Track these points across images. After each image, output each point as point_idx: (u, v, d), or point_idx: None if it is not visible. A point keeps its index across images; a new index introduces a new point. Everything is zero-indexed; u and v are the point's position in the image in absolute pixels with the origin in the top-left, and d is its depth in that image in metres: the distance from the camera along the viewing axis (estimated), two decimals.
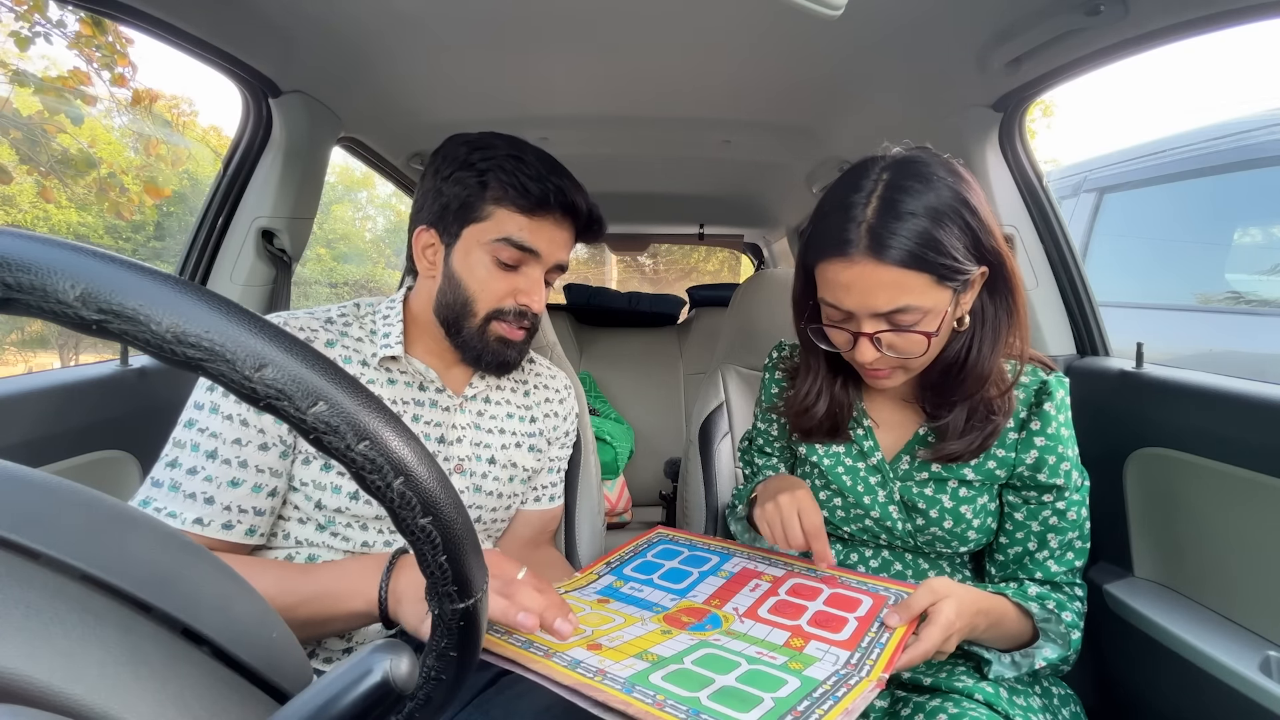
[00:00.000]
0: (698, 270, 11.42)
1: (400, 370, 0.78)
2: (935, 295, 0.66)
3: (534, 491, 0.92)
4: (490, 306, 0.76)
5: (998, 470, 0.76)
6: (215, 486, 0.66)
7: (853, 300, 0.67)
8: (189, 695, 0.25)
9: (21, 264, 0.20)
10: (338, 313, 0.79)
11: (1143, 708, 0.88)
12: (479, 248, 0.74)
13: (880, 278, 0.65)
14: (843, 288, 0.67)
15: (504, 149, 0.74)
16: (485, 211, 0.73)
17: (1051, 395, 0.75)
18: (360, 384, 0.25)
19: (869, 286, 0.65)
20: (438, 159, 0.77)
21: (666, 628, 0.63)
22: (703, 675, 0.53)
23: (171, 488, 0.65)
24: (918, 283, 0.65)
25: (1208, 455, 0.79)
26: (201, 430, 0.66)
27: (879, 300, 0.66)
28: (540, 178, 0.73)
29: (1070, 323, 1.09)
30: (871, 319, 0.67)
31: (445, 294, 0.76)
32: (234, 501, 0.67)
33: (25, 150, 3.33)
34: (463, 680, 0.31)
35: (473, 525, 0.28)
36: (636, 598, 0.72)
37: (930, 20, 0.88)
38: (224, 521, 0.66)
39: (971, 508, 0.77)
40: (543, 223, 0.75)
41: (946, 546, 0.80)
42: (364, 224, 10.58)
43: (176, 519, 0.64)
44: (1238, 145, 2.20)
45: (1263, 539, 0.74)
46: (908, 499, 0.79)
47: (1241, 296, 2.26)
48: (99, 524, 0.27)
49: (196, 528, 0.65)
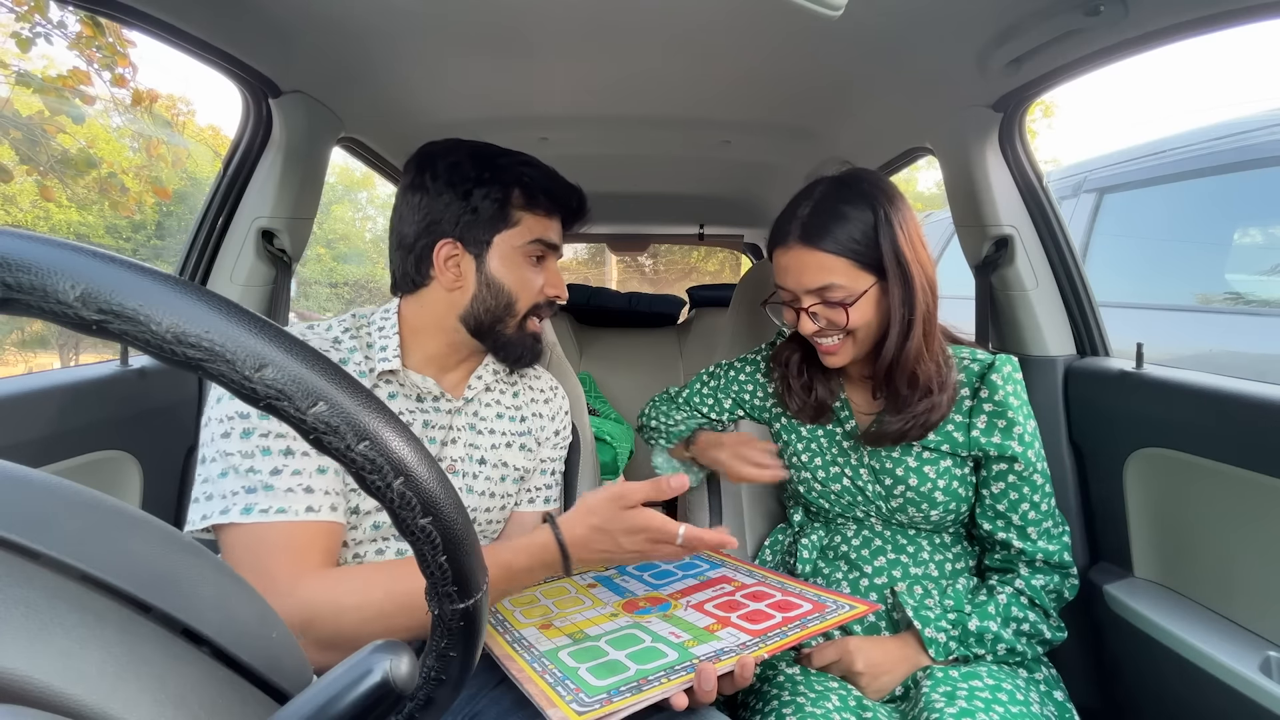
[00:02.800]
0: (698, 270, 11.43)
1: (400, 383, 0.79)
2: (854, 276, 0.81)
3: (528, 493, 0.92)
4: (530, 302, 0.82)
5: (955, 434, 0.85)
6: (308, 476, 0.68)
7: (791, 279, 0.84)
8: (189, 695, 0.25)
9: (21, 264, 0.20)
10: (341, 330, 0.80)
11: (1143, 708, 0.88)
12: (512, 250, 0.80)
13: (807, 260, 0.82)
14: (783, 270, 0.85)
15: (511, 157, 0.81)
16: (514, 218, 0.79)
17: (998, 369, 0.85)
18: (361, 384, 0.25)
19: (801, 267, 0.82)
20: (441, 176, 0.78)
21: (617, 611, 0.74)
22: (601, 650, 0.64)
23: (266, 489, 0.65)
24: (839, 265, 0.81)
25: (1208, 455, 0.79)
26: (264, 435, 0.67)
27: (808, 278, 0.82)
28: (553, 177, 0.82)
29: (1070, 323, 1.09)
30: (806, 295, 0.83)
31: (484, 300, 0.80)
32: (329, 486, 0.69)
33: (25, 150, 3.33)
34: (463, 681, 0.31)
35: (472, 525, 0.28)
36: (618, 585, 0.82)
37: (930, 20, 0.88)
38: (330, 504, 0.68)
39: (935, 469, 0.86)
40: (556, 220, 0.84)
41: (918, 510, 0.86)
42: (364, 224, 10.59)
43: (288, 513, 0.65)
44: (1238, 145, 2.20)
45: (1262, 539, 0.74)
46: (876, 461, 0.89)
47: (1241, 297, 2.26)
48: (99, 524, 0.27)
49: (310, 515, 0.66)
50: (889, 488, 0.88)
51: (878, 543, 0.88)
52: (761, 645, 0.63)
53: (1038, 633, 0.80)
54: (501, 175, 0.78)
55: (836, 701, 0.74)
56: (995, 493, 0.84)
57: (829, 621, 0.68)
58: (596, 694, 0.55)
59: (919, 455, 0.86)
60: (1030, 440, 0.83)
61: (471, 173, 0.78)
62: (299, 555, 0.65)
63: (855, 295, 0.81)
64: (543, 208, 0.80)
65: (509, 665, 0.62)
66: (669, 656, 0.62)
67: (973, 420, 0.85)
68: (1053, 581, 0.83)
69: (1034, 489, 0.83)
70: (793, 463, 0.96)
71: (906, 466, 0.87)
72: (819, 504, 0.93)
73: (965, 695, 0.70)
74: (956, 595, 0.84)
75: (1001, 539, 0.84)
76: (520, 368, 0.87)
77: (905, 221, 0.81)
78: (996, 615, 0.80)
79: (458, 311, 0.80)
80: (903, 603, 0.82)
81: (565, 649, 0.64)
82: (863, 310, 0.81)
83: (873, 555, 0.88)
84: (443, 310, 0.80)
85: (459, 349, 0.82)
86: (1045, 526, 0.83)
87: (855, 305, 0.81)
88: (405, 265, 0.80)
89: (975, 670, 0.76)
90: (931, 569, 0.86)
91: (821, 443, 0.94)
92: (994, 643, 0.79)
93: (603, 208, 2.36)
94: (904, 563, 0.86)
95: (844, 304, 0.81)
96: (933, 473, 0.85)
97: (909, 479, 0.86)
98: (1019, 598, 0.82)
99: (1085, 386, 0.97)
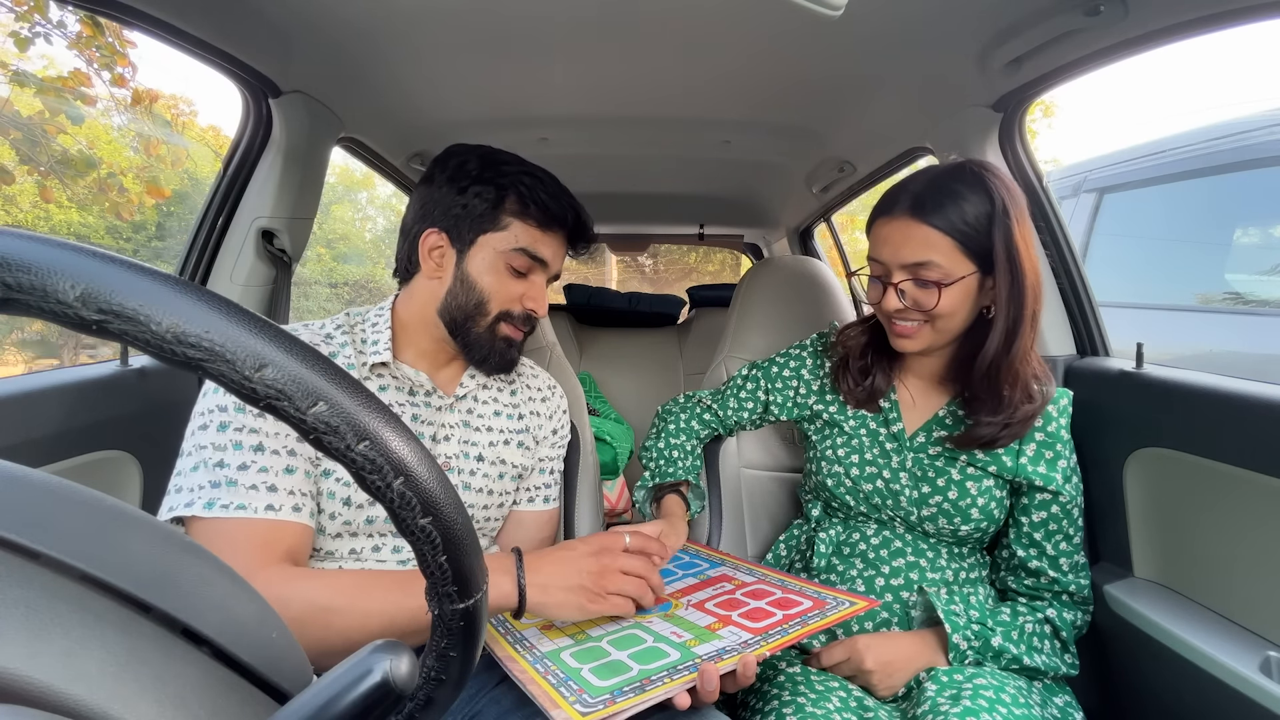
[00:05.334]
0: (698, 270, 11.41)
1: (391, 376, 0.80)
2: (956, 260, 0.78)
3: (526, 492, 0.92)
4: (501, 308, 0.81)
5: (1004, 457, 0.84)
6: (274, 475, 0.68)
7: (888, 251, 0.81)
8: (189, 695, 0.25)
9: (21, 264, 0.20)
10: (334, 326, 0.81)
11: (1143, 708, 0.88)
12: (494, 254, 0.79)
13: (912, 233, 0.79)
14: (882, 240, 0.82)
15: (518, 166, 0.81)
16: (503, 222, 0.79)
17: (1055, 401, 0.85)
18: (360, 384, 0.25)
19: (903, 239, 0.79)
20: (448, 170, 0.80)
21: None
22: (603, 650, 0.64)
23: (230, 484, 0.65)
24: (943, 243, 0.77)
25: (1208, 455, 0.79)
26: (239, 429, 0.68)
27: (906, 251, 0.79)
28: (557, 197, 0.81)
29: (1070, 323, 1.09)
30: (900, 270, 0.80)
31: (456, 295, 0.80)
32: (295, 486, 0.69)
33: (25, 150, 3.33)
34: (463, 681, 0.31)
35: (472, 525, 0.28)
36: None
37: (930, 20, 0.88)
38: (293, 505, 0.68)
39: (977, 485, 0.84)
40: (553, 237, 0.82)
41: (949, 522, 0.85)
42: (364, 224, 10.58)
43: (247, 510, 0.65)
44: (1238, 145, 2.20)
45: (1262, 539, 0.74)
46: (919, 468, 0.87)
47: (1241, 296, 2.26)
48: (99, 524, 0.27)
49: (270, 514, 0.66)
50: (925, 495, 0.86)
51: (897, 544, 0.88)
52: (763, 643, 0.63)
53: (1053, 666, 0.81)
54: (499, 178, 0.79)
55: (837, 701, 0.74)
56: (1035, 521, 0.84)
57: (829, 618, 0.68)
58: (600, 694, 0.55)
59: (964, 470, 0.85)
60: (1070, 474, 0.84)
61: (473, 171, 0.79)
62: (257, 551, 0.65)
63: (952, 278, 0.78)
64: (534, 218, 0.80)
65: (511, 667, 0.63)
66: (671, 656, 0.62)
67: (1023, 447, 0.84)
68: (1078, 618, 0.85)
69: (1071, 522, 0.84)
70: (826, 457, 0.94)
71: (949, 479, 0.85)
72: (844, 500, 0.92)
73: (969, 695, 0.70)
74: (980, 606, 0.84)
75: (1034, 567, 0.85)
76: (488, 372, 0.86)
77: (1022, 218, 0.79)
78: (1020, 641, 0.80)
79: (436, 305, 0.81)
80: (933, 602, 0.81)
81: (567, 649, 0.65)
82: (954, 297, 0.79)
83: (891, 556, 0.87)
84: (425, 301, 0.81)
85: (445, 346, 0.83)
86: (1076, 559, 0.85)
87: (949, 288, 0.78)
88: (400, 251, 0.84)
89: (979, 670, 0.76)
90: (948, 575, 0.86)
91: (864, 440, 0.92)
92: (1010, 662, 0.80)
93: (603, 208, 2.36)
94: (921, 566, 0.86)
95: (939, 284, 0.78)
96: (974, 489, 0.84)
97: (949, 491, 0.85)
98: (1044, 626, 0.83)
99: (1085, 386, 0.97)
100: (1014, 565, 0.87)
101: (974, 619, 0.81)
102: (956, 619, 0.80)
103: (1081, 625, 0.86)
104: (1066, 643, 0.83)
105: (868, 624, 0.85)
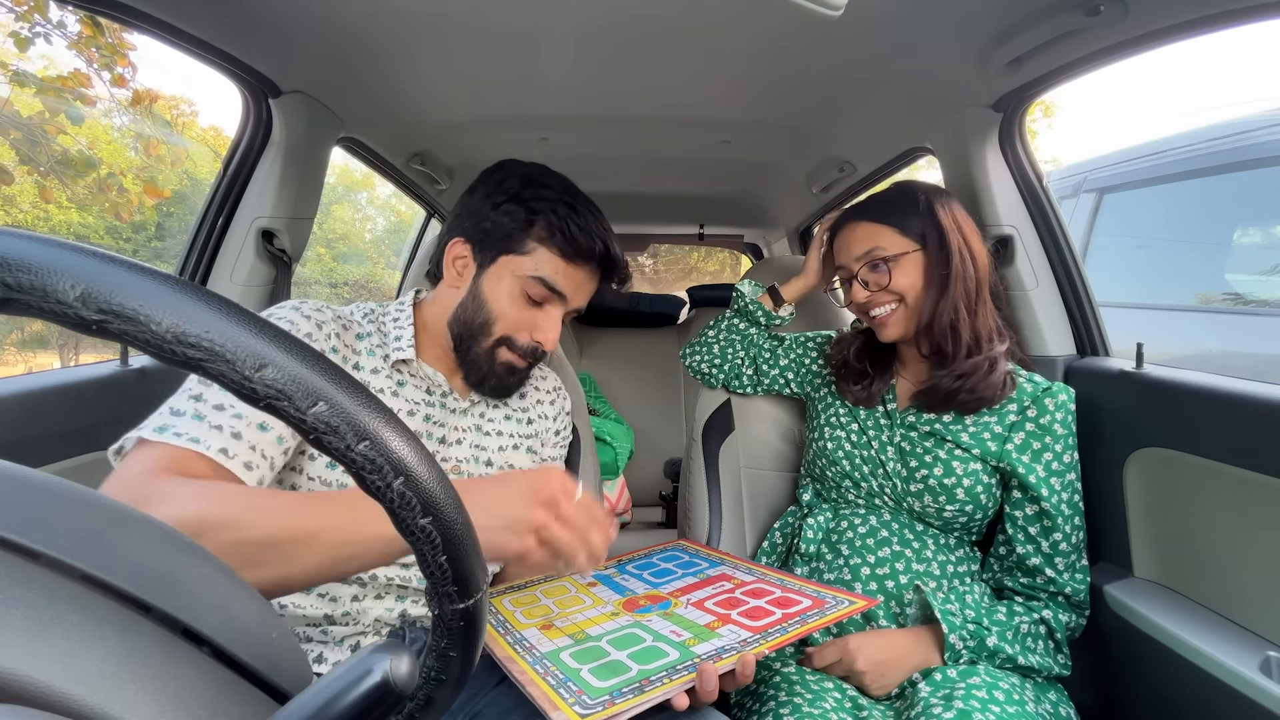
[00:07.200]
0: (698, 270, 11.41)
1: (410, 374, 0.80)
2: (896, 240, 0.91)
3: None
4: (505, 332, 0.79)
5: (990, 442, 0.87)
6: (244, 424, 0.61)
7: (843, 254, 0.96)
8: (189, 695, 0.24)
9: (21, 264, 0.20)
10: (361, 315, 0.81)
11: (1143, 708, 0.88)
12: (511, 277, 0.78)
13: (856, 231, 0.95)
14: (839, 248, 0.98)
15: (558, 191, 0.79)
16: (527, 247, 0.77)
17: (1054, 395, 0.87)
18: (360, 384, 0.25)
19: (850, 239, 0.95)
20: (490, 183, 0.80)
21: (618, 610, 0.74)
22: (603, 650, 0.64)
23: (196, 417, 0.60)
24: (882, 231, 0.92)
25: (1208, 455, 0.79)
26: None
27: (855, 245, 0.94)
28: (587, 229, 0.77)
29: (1070, 323, 1.09)
30: (856, 263, 0.94)
31: (467, 309, 0.79)
32: (259, 444, 0.62)
33: (25, 151, 3.33)
34: (463, 681, 0.31)
35: (472, 525, 0.28)
36: (618, 584, 0.83)
37: (930, 20, 0.88)
38: (246, 461, 0.61)
39: (963, 466, 0.87)
40: (578, 270, 0.79)
41: (934, 500, 0.87)
42: (364, 224, 10.57)
43: (199, 444, 0.58)
44: (1238, 145, 2.20)
45: (1262, 539, 0.74)
46: (907, 443, 0.92)
47: (1241, 297, 2.26)
48: (99, 524, 0.27)
49: (221, 457, 0.59)
50: (912, 470, 0.90)
51: (884, 533, 0.89)
52: (762, 642, 0.64)
53: (1046, 666, 0.81)
54: (534, 200, 0.77)
55: (833, 702, 0.74)
56: (1029, 514, 0.86)
57: (829, 617, 0.68)
58: (599, 695, 0.55)
59: (950, 450, 0.88)
60: (1061, 471, 0.85)
61: (512, 189, 0.78)
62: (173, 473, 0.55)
63: (896, 254, 0.90)
64: (559, 248, 0.77)
65: (511, 667, 0.63)
66: (670, 656, 0.62)
67: (1011, 434, 0.87)
68: (1073, 620, 0.85)
69: (1065, 520, 0.84)
70: (822, 431, 1.00)
71: (936, 456, 0.89)
72: (835, 476, 0.96)
73: (962, 696, 0.70)
74: (976, 605, 0.84)
75: (1033, 564, 0.85)
76: (481, 393, 0.84)
77: (949, 204, 0.91)
78: (1015, 641, 0.81)
79: (449, 314, 0.80)
80: (929, 601, 0.81)
81: (567, 650, 0.65)
82: (905, 271, 0.90)
83: (877, 546, 0.88)
84: (443, 308, 0.81)
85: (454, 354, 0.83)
86: (1073, 560, 0.85)
87: (897, 264, 0.90)
88: (434, 253, 0.85)
89: (972, 670, 0.77)
90: (934, 568, 0.86)
91: (861, 418, 0.98)
92: (1004, 662, 0.80)
93: (602, 207, 2.35)
94: (907, 557, 0.87)
95: (886, 261, 0.90)
96: (960, 469, 0.87)
97: (935, 468, 0.88)
98: (1039, 627, 0.83)
99: (1085, 386, 0.97)
100: (1011, 564, 0.87)
101: (970, 618, 0.81)
102: (953, 618, 0.80)
103: (1075, 628, 0.86)
104: (1061, 644, 0.83)
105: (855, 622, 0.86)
